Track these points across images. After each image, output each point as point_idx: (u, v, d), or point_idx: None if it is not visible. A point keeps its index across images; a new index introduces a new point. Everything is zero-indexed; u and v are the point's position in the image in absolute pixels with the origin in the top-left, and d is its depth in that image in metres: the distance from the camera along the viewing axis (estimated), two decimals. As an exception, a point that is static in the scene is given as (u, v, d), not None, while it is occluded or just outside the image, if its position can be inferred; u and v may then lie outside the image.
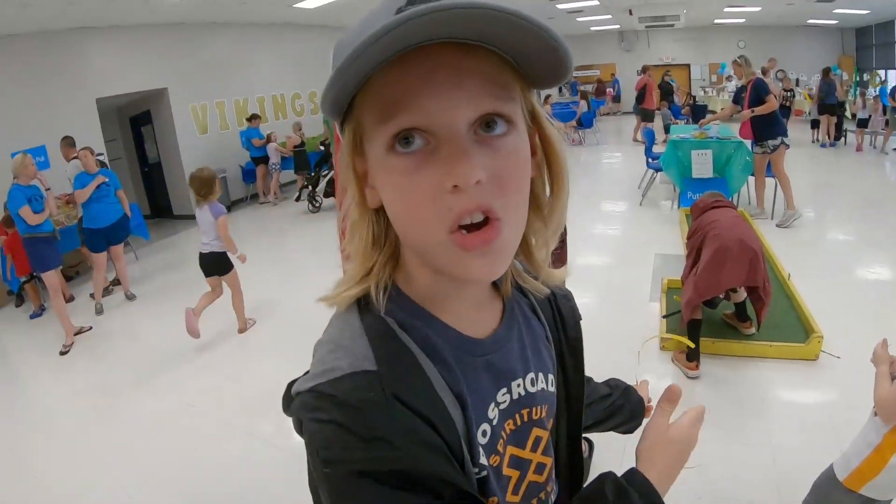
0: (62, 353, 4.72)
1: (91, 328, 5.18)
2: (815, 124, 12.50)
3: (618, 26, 19.36)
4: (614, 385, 1.10)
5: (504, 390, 0.68)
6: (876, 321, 3.91)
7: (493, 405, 0.66)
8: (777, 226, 6.29)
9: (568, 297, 0.85)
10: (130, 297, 5.92)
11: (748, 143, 6.72)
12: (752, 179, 6.83)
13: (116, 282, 6.24)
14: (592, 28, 19.66)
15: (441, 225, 0.52)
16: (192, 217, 9.43)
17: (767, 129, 6.27)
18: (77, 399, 4.02)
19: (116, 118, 10.09)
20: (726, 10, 15.29)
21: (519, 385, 0.69)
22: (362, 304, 0.62)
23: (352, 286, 0.62)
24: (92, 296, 5.87)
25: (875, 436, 1.73)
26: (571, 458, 0.85)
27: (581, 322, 0.86)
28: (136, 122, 10.16)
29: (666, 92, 12.84)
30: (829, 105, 11.68)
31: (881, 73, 13.31)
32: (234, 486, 2.94)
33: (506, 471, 0.68)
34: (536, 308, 0.78)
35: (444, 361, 0.61)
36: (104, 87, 8.36)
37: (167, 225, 9.42)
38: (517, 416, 0.69)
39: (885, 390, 1.70)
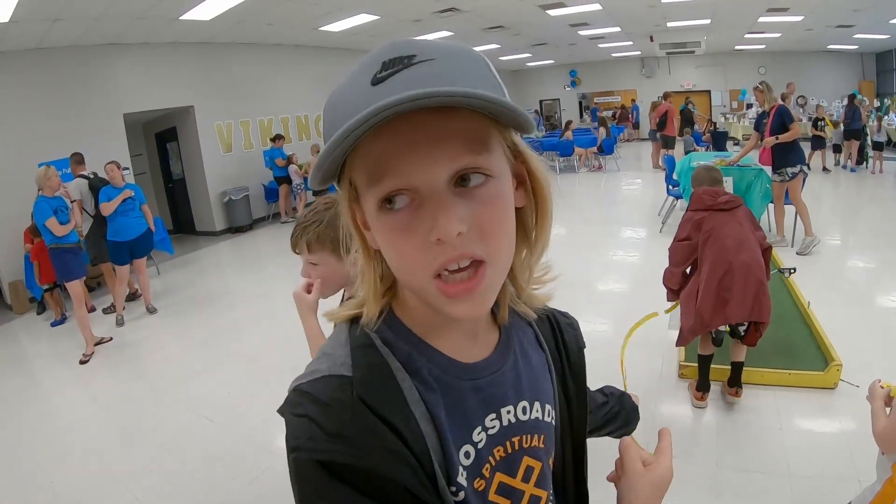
0: (82, 363, 4.81)
1: (111, 339, 5.26)
2: (836, 149, 12.75)
3: (639, 52, 19.48)
4: (609, 392, 1.13)
5: (493, 416, 0.68)
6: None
7: (479, 429, 0.67)
8: (797, 253, 6.24)
9: (573, 325, 0.86)
10: (152, 310, 6.01)
11: (768, 169, 6.69)
12: (771, 206, 6.78)
13: (131, 297, 6.35)
14: (614, 54, 19.81)
15: (428, 270, 0.56)
16: (215, 233, 9.68)
17: (787, 157, 6.25)
18: (96, 410, 4.07)
19: (142, 133, 10.35)
20: (747, 36, 15.34)
21: (509, 412, 0.70)
22: (355, 321, 0.68)
23: (351, 308, 0.68)
24: (106, 310, 5.98)
25: (884, 472, 1.74)
26: (577, 489, 0.83)
27: (586, 350, 0.87)
28: (162, 138, 10.40)
29: (686, 119, 12.82)
30: (853, 130, 11.90)
31: None
32: (252, 503, 2.94)
33: (493, 497, 0.68)
34: (539, 337, 0.79)
35: (424, 379, 0.63)
36: (132, 102, 8.58)
37: (189, 240, 9.59)
38: (507, 443, 0.69)
39: (881, 425, 1.72)
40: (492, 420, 0.68)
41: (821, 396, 3.49)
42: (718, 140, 13.05)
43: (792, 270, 4.89)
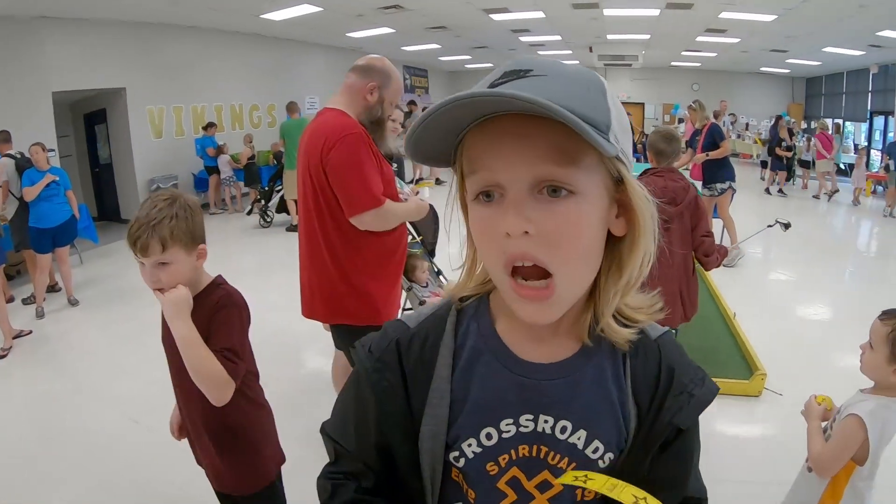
0: (-1, 357, 4.52)
1: (31, 332, 4.96)
2: (764, 165, 13.60)
3: (577, 62, 19.82)
4: None
5: (530, 417, 0.71)
6: (817, 360, 4.13)
7: (510, 421, 0.71)
8: (723, 265, 6.51)
9: (691, 397, 0.74)
10: (74, 302, 5.71)
11: (698, 184, 6.96)
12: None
13: (52, 288, 6.05)
14: (552, 63, 20.14)
15: (499, 261, 0.63)
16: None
17: (717, 173, 6.56)
18: (16, 410, 3.83)
19: (70, 114, 9.78)
20: (683, 53, 15.91)
21: (547, 422, 0.71)
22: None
23: (457, 286, 0.79)
24: (25, 300, 5.66)
25: (814, 494, 1.80)
26: None
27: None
28: (91, 119, 9.87)
29: None
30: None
31: (828, 121, 14.23)
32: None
33: (501, 485, 0.73)
34: (623, 376, 0.74)
35: (469, 357, 0.73)
36: (61, 80, 8.10)
37: (114, 229, 9.12)
38: (534, 447, 0.72)
39: (818, 449, 1.77)
40: (527, 420, 0.72)
41: (745, 404, 3.66)
42: (649, 153, 13.49)
43: (787, 225, 5.20)
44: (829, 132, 12.33)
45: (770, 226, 5.66)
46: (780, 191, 12.12)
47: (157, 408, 3.64)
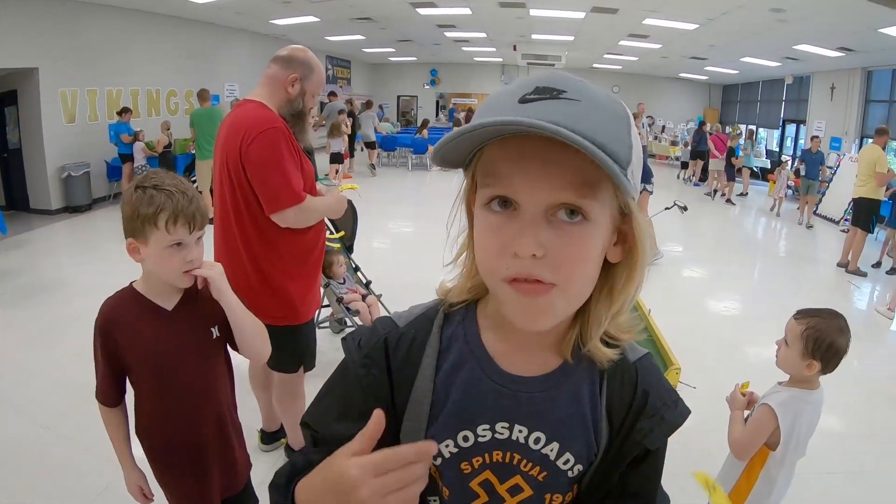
0: None
1: (-74, 330, 4.61)
2: (684, 165, 14.88)
3: (500, 60, 20.29)
4: None
5: (505, 425, 0.75)
6: (729, 354, 4.36)
7: (487, 426, 0.75)
8: (641, 264, 6.78)
9: (661, 420, 0.77)
10: (-26, 297, 5.34)
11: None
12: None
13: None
14: (476, 59, 20.53)
15: (499, 274, 0.64)
16: (50, 212, 8.79)
17: None
18: None
19: (-22, 95, 9.10)
20: (606, 56, 16.40)
21: (521, 432, 0.75)
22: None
23: (451, 291, 0.80)
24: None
25: (733, 473, 1.97)
26: None
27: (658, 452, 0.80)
28: (0, 101, 9.19)
29: None
30: (700, 151, 13.85)
31: (742, 126, 15.13)
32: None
33: (474, 485, 0.78)
34: (598, 395, 0.77)
35: (453, 362, 0.76)
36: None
37: (22, 219, 8.58)
38: (508, 453, 0.76)
39: (738, 433, 1.93)
40: (502, 427, 0.75)
41: (661, 399, 3.81)
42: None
43: (684, 208, 5.42)
44: (724, 134, 13.22)
45: (668, 208, 5.99)
46: (729, 200, 12.34)
47: (70, 413, 3.49)
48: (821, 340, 1.80)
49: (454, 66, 22.04)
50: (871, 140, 8.10)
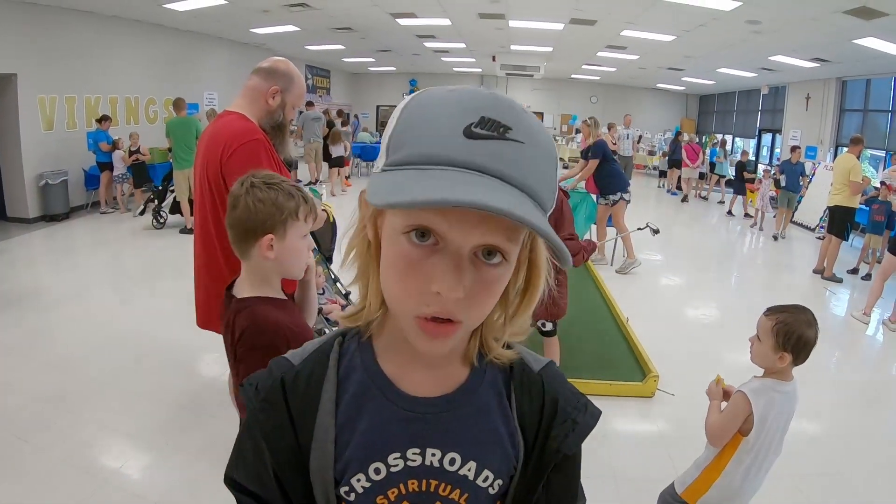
0: None
1: None
2: (662, 174, 15.26)
3: (480, 70, 20.41)
4: None
5: (417, 451, 0.72)
6: (706, 362, 4.41)
7: (398, 454, 0.72)
8: (616, 272, 6.89)
9: (576, 425, 0.78)
10: (-53, 306, 5.24)
11: (594, 196, 7.32)
12: (594, 227, 7.44)
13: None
14: (455, 69, 20.55)
15: (414, 309, 0.61)
16: (27, 220, 8.67)
17: (607, 184, 6.91)
18: None
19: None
20: (584, 66, 16.56)
21: (434, 455, 0.73)
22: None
23: (354, 312, 0.76)
24: None
25: (705, 459, 2.06)
26: None
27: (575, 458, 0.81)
28: None
29: None
30: (675, 160, 14.12)
31: (718, 136, 15.45)
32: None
33: None
34: (508, 406, 0.77)
35: (354, 394, 0.73)
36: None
37: (-2, 227, 8.49)
38: (424, 481, 0.73)
39: (713, 419, 2.04)
40: (414, 454, 0.72)
41: (640, 405, 3.86)
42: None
43: (656, 231, 5.51)
44: (697, 143, 13.68)
45: (640, 228, 6.10)
46: (746, 214, 12.15)
47: (43, 426, 3.43)
48: (790, 333, 1.90)
49: (434, 76, 22.03)
50: (846, 149, 8.25)
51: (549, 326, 3.61)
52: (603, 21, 9.76)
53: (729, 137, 18.72)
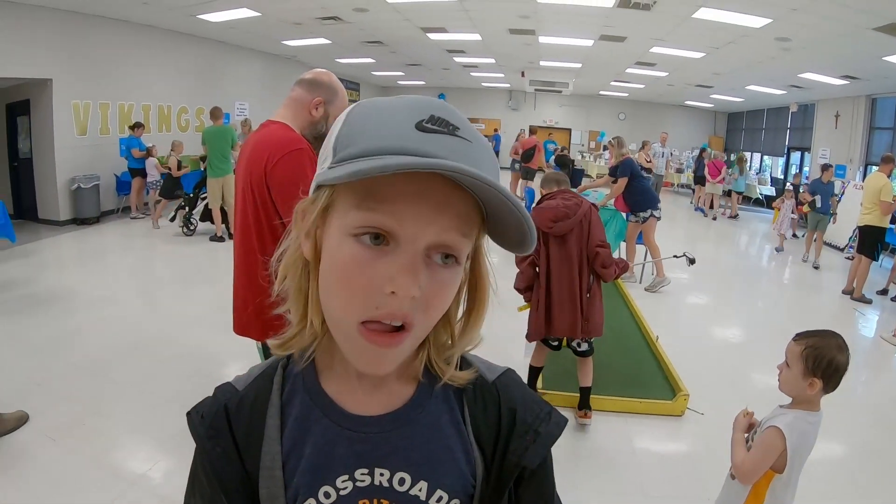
0: None
1: (-69, 338, 4.60)
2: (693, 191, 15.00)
3: (508, 85, 20.46)
4: None
5: (365, 471, 0.69)
6: (736, 381, 4.36)
7: (346, 476, 0.69)
8: (645, 290, 6.81)
9: (532, 433, 0.74)
10: (-20, 306, 5.34)
11: (624, 214, 7.27)
12: (624, 245, 7.37)
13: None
14: (484, 84, 20.65)
15: (360, 313, 0.59)
16: (59, 223, 8.83)
17: (637, 202, 6.86)
18: None
19: (-9, 103, 9.19)
20: (612, 83, 16.53)
21: (383, 475, 0.69)
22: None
23: (290, 337, 0.72)
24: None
25: (737, 495, 1.96)
26: None
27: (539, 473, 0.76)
28: (13, 110, 9.26)
29: (563, 164, 13.18)
30: (700, 177, 13.98)
31: (746, 154, 15.39)
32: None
33: None
34: (462, 422, 0.73)
35: (297, 418, 0.70)
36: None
37: (29, 229, 8.63)
38: (374, 500, 0.70)
39: (740, 458, 1.94)
40: (362, 474, 0.69)
41: (669, 423, 3.81)
42: (576, 177, 14.00)
43: (692, 260, 5.56)
44: (721, 160, 13.67)
45: (677, 256, 6.03)
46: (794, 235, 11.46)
47: (72, 426, 3.47)
48: (820, 358, 1.82)
49: (462, 90, 22.13)
50: (875, 168, 8.12)
51: (584, 347, 3.57)
52: (632, 38, 9.76)
53: (757, 155, 18.55)
